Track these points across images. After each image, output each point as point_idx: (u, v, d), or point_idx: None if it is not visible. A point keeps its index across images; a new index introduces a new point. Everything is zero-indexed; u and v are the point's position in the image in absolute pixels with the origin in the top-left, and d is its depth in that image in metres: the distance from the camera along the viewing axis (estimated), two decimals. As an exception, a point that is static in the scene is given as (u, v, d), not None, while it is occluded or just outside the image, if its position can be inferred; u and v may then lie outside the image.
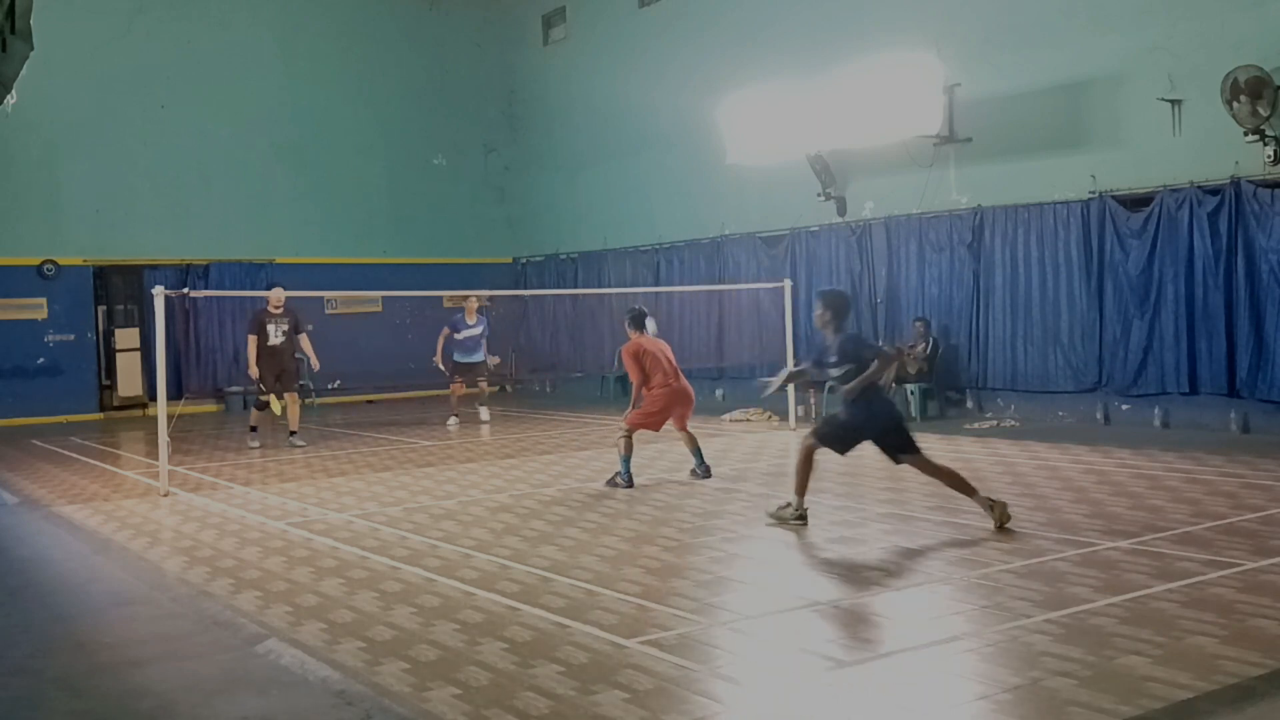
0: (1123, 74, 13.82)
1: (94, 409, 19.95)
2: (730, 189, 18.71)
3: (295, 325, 14.62)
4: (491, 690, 4.97)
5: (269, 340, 14.40)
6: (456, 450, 13.86)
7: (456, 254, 22.67)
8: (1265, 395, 12.62)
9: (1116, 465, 10.85)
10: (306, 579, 7.19)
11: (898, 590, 6.61)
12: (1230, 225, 12.80)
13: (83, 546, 8.66)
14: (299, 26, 21.86)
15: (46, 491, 11.45)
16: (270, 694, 5.14)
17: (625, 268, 21.04)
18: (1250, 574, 6.52)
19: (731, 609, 6.25)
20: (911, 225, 16.19)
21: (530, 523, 8.83)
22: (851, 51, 15.84)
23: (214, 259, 20.66)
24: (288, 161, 21.50)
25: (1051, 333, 14.67)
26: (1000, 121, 14.89)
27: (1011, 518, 8.01)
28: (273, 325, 14.44)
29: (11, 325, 19.27)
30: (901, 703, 4.80)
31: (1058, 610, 5.87)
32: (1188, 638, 5.37)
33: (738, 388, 18.42)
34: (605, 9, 21.60)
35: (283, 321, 14.51)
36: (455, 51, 23.53)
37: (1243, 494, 9.13)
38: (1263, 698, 4.68)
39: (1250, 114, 12.20)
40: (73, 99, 19.21)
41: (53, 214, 19.63)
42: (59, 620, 6.59)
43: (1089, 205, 14.16)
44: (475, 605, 6.39)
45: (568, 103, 22.52)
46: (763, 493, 9.92)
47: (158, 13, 20.35)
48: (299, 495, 10.65)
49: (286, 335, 14.51)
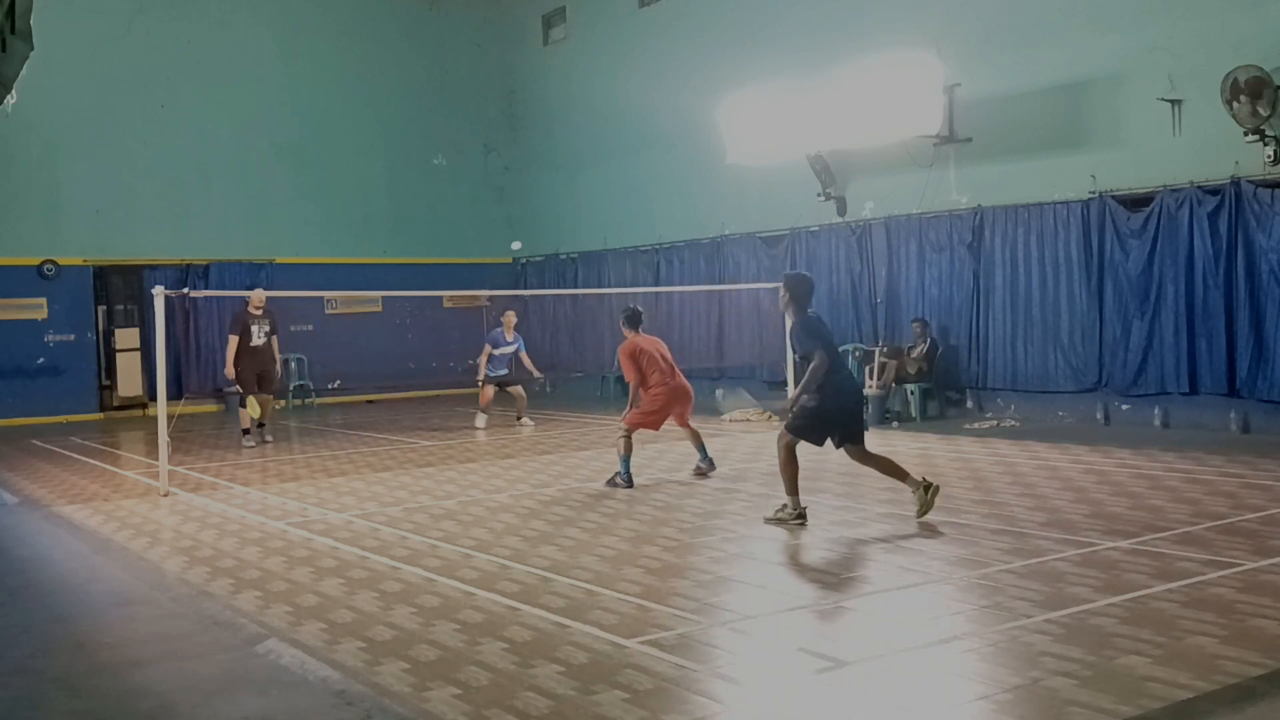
0: (1123, 74, 13.82)
1: (94, 409, 19.96)
2: (730, 189, 18.71)
3: (274, 326, 14.75)
4: (491, 690, 4.97)
5: (251, 341, 14.48)
6: (456, 450, 13.86)
7: (456, 254, 22.67)
8: (1265, 395, 12.62)
9: (1116, 465, 10.85)
10: (306, 579, 7.19)
11: (898, 590, 6.60)
12: (1230, 225, 12.80)
13: (83, 546, 8.66)
14: (299, 26, 21.87)
15: (46, 491, 11.45)
16: (270, 694, 5.14)
17: (625, 268, 21.05)
18: (1250, 574, 6.52)
19: (731, 609, 6.25)
20: (911, 225, 16.19)
21: (530, 523, 8.83)
22: (851, 51, 15.84)
23: (214, 259, 20.67)
24: (288, 161, 21.50)
25: (1051, 333, 14.67)
26: (1000, 121, 14.89)
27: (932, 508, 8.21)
28: (255, 326, 14.52)
29: (11, 325, 19.27)
30: (901, 703, 4.80)
31: (1058, 610, 5.87)
32: (1188, 638, 5.37)
33: (738, 388, 18.42)
34: (605, 9, 21.60)
35: (264, 322, 14.61)
36: (455, 51, 23.53)
37: (1243, 494, 9.12)
38: (1263, 698, 4.68)
39: (1250, 114, 12.20)
40: (73, 99, 19.22)
41: (53, 214, 19.64)
42: (59, 620, 6.59)
43: (1089, 205, 14.16)
44: (475, 605, 6.39)
45: (568, 103, 22.52)
46: (763, 493, 9.92)
47: (158, 13, 20.36)
48: (299, 495, 10.65)
49: (268, 336, 14.62)
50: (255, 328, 14.52)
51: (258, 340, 14.51)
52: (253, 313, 14.57)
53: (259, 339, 14.52)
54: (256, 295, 14.80)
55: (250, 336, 14.48)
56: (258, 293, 14.90)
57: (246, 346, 14.46)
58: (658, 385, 10.69)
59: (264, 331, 14.57)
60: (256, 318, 14.56)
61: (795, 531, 8.17)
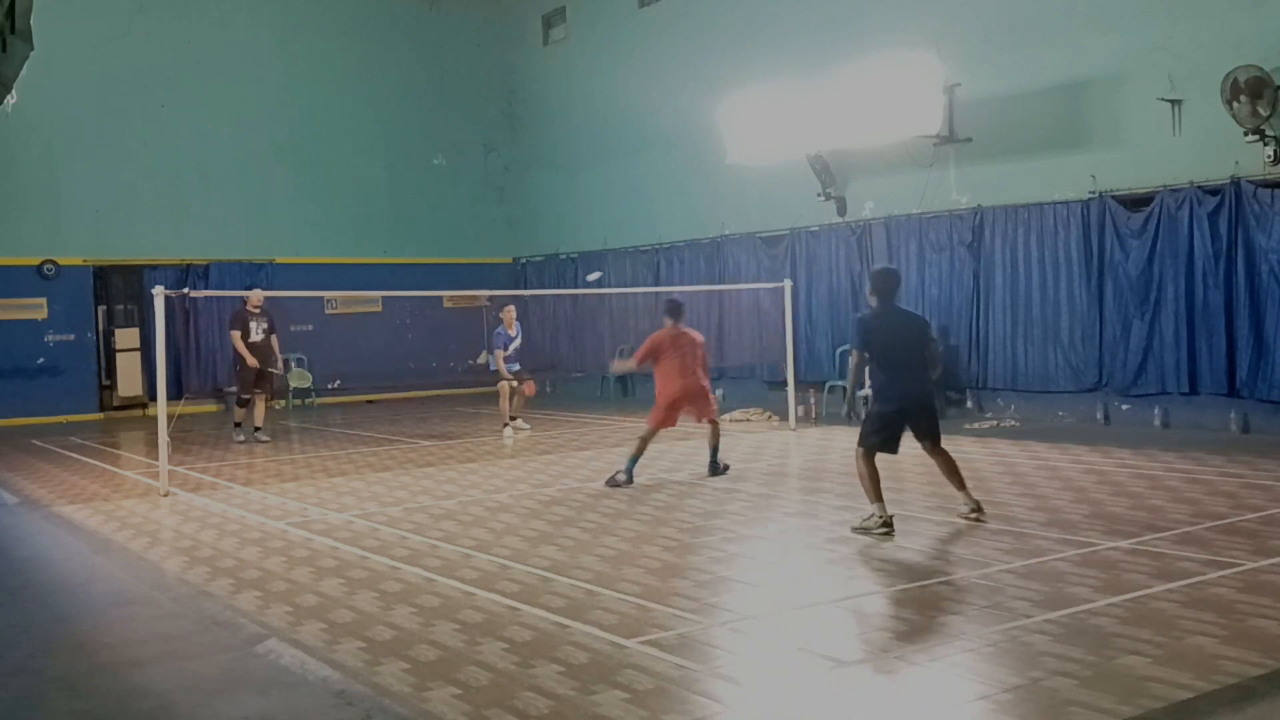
0: (1123, 74, 13.82)
1: (94, 409, 19.95)
2: (730, 189, 18.71)
3: (272, 325, 15.04)
4: (491, 690, 4.97)
5: (250, 337, 14.81)
6: (456, 450, 13.86)
7: (456, 254, 22.67)
8: (1265, 395, 12.62)
9: (1116, 465, 10.85)
10: (306, 579, 7.19)
11: (898, 590, 6.61)
12: (1230, 225, 12.80)
13: (83, 546, 8.66)
14: (299, 26, 21.86)
15: (46, 491, 11.45)
16: (270, 694, 5.14)
17: (625, 268, 21.04)
18: (1250, 574, 6.52)
19: (731, 609, 6.25)
20: (911, 225, 16.19)
21: (530, 523, 8.82)
22: (851, 51, 15.84)
23: (214, 259, 20.66)
24: (288, 161, 21.50)
25: (1051, 333, 14.67)
26: (1000, 121, 14.89)
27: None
28: (254, 323, 14.86)
29: (11, 325, 19.27)
30: (901, 703, 4.80)
31: (1058, 610, 5.87)
32: (1188, 638, 5.37)
33: (738, 388, 18.43)
34: (605, 9, 21.60)
35: (262, 320, 14.93)
36: (455, 51, 23.53)
37: (1243, 494, 9.12)
38: (1263, 698, 4.68)
39: (1250, 114, 12.19)
40: (73, 99, 19.21)
41: (53, 214, 19.63)
42: (59, 620, 6.58)
43: (1089, 205, 14.16)
44: (475, 605, 6.39)
45: (568, 103, 22.52)
46: (763, 492, 9.93)
47: (158, 13, 20.36)
48: (299, 495, 10.65)
49: (265, 334, 14.94)
50: (254, 325, 14.84)
51: (256, 336, 14.83)
52: (251, 310, 14.89)
53: (257, 335, 14.85)
54: (255, 294, 15.12)
55: (249, 332, 14.80)
56: (256, 292, 15.24)
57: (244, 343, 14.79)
58: (676, 376, 10.70)
59: (262, 329, 14.90)
60: (255, 315, 14.88)
61: (880, 539, 7.77)
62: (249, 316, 14.85)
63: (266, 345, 14.93)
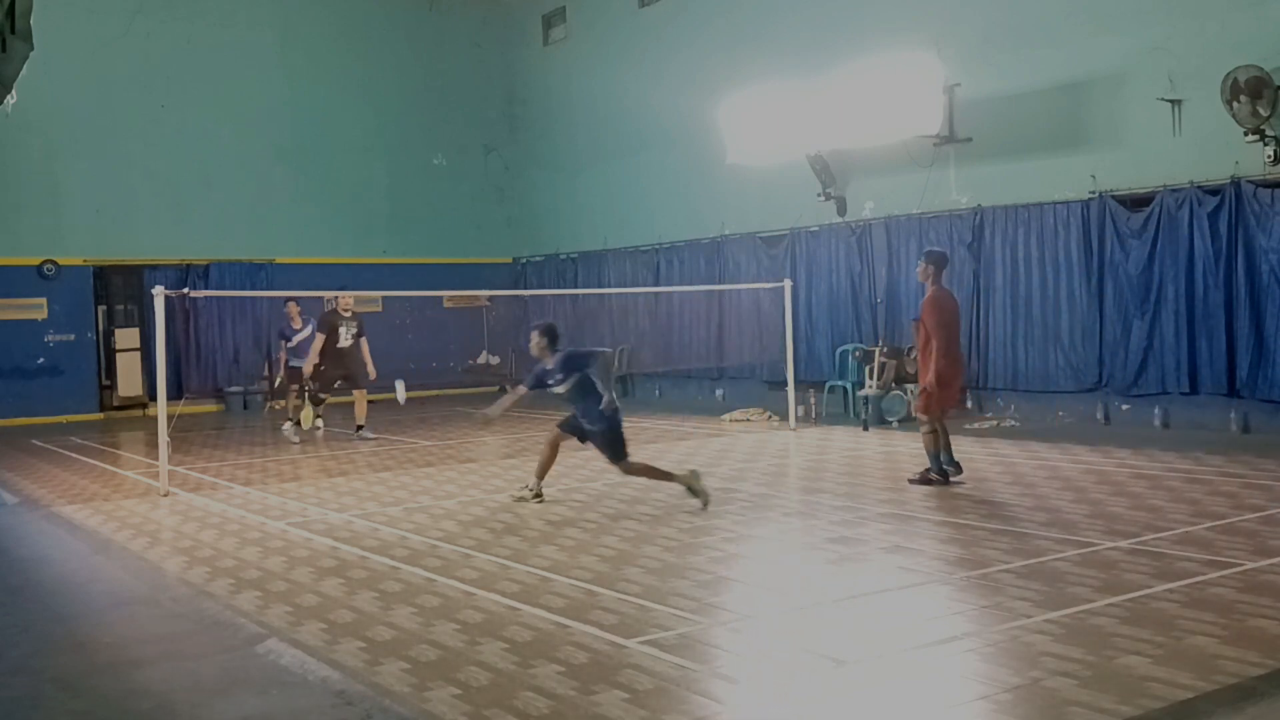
0: (1123, 74, 13.82)
1: (94, 409, 19.95)
2: (730, 189, 18.71)
3: (361, 328, 14.86)
4: (491, 690, 4.97)
5: (339, 342, 14.60)
6: (456, 450, 13.86)
7: (456, 254, 22.67)
8: (1265, 395, 12.62)
9: (1116, 465, 10.85)
10: (306, 579, 7.19)
11: (898, 590, 6.60)
12: (1230, 225, 12.80)
13: (83, 546, 8.66)
14: (299, 26, 21.87)
15: (46, 491, 11.45)
16: (270, 694, 5.14)
17: (625, 268, 21.04)
18: (1250, 574, 6.52)
19: (731, 609, 6.25)
20: (911, 225, 16.19)
21: (530, 523, 8.82)
22: (851, 51, 15.84)
23: (214, 259, 20.67)
24: (288, 161, 21.50)
25: (1052, 333, 14.66)
26: (1000, 121, 14.89)
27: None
28: (344, 327, 14.65)
29: (11, 325, 19.27)
30: (901, 703, 4.80)
31: (1058, 610, 5.87)
32: (1188, 638, 5.37)
33: (738, 387, 18.43)
34: (605, 9, 21.60)
35: (352, 324, 14.75)
36: (455, 51, 23.53)
37: (1243, 494, 9.12)
38: (1263, 698, 4.67)
39: (1250, 114, 12.20)
40: (73, 99, 19.22)
41: (53, 214, 19.64)
42: (59, 620, 6.58)
43: (1089, 205, 14.16)
44: (475, 605, 6.39)
45: (568, 103, 22.52)
46: (762, 492, 9.92)
47: (158, 13, 20.36)
48: (299, 495, 10.65)
49: (354, 338, 14.73)
50: (343, 329, 14.63)
51: (345, 342, 14.63)
52: (341, 313, 14.72)
53: (346, 340, 14.64)
54: (346, 298, 14.91)
55: (339, 337, 14.60)
56: (346, 294, 15.02)
57: (333, 348, 14.60)
58: (953, 355, 9.83)
59: (351, 334, 14.70)
60: (345, 319, 14.69)
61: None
62: (339, 320, 14.60)
63: (355, 350, 14.70)
